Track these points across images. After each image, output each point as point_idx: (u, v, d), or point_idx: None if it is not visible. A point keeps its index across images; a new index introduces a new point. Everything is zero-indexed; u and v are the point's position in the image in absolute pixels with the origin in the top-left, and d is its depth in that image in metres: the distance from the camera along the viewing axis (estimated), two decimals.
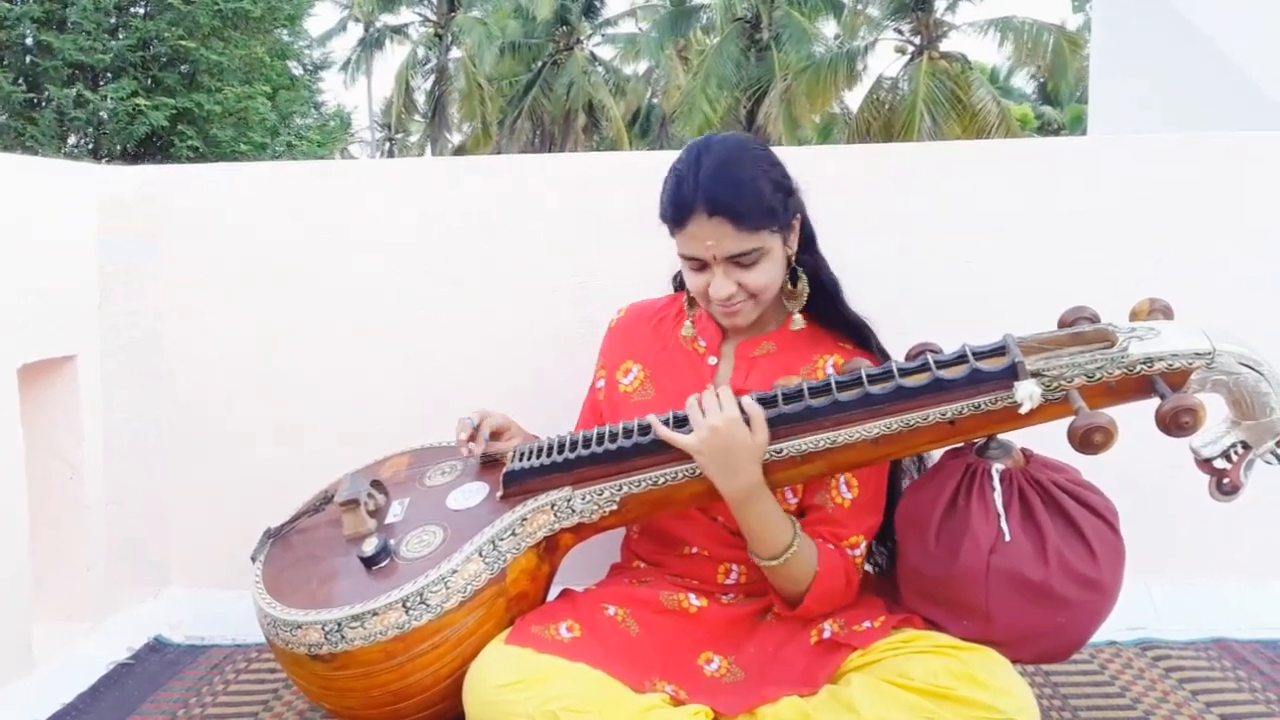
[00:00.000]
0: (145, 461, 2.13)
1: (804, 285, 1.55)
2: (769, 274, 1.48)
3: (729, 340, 1.61)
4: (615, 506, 1.46)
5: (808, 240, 1.57)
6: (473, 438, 1.62)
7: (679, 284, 1.75)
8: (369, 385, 2.12)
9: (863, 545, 1.52)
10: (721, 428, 1.36)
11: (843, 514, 1.50)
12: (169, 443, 2.15)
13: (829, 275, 1.58)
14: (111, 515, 2.07)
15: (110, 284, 2.08)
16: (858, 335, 1.58)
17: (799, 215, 1.53)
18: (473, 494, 1.56)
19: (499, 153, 25.02)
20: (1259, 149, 2.04)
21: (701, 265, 1.47)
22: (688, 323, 1.62)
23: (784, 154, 1.55)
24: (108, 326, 2.08)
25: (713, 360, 1.60)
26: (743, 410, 1.38)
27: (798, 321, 1.55)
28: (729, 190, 1.42)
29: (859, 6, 22.35)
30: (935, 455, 1.51)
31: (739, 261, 1.45)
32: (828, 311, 1.58)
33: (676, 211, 1.45)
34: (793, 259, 1.53)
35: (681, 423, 1.43)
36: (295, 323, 2.13)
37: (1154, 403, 1.26)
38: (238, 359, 2.14)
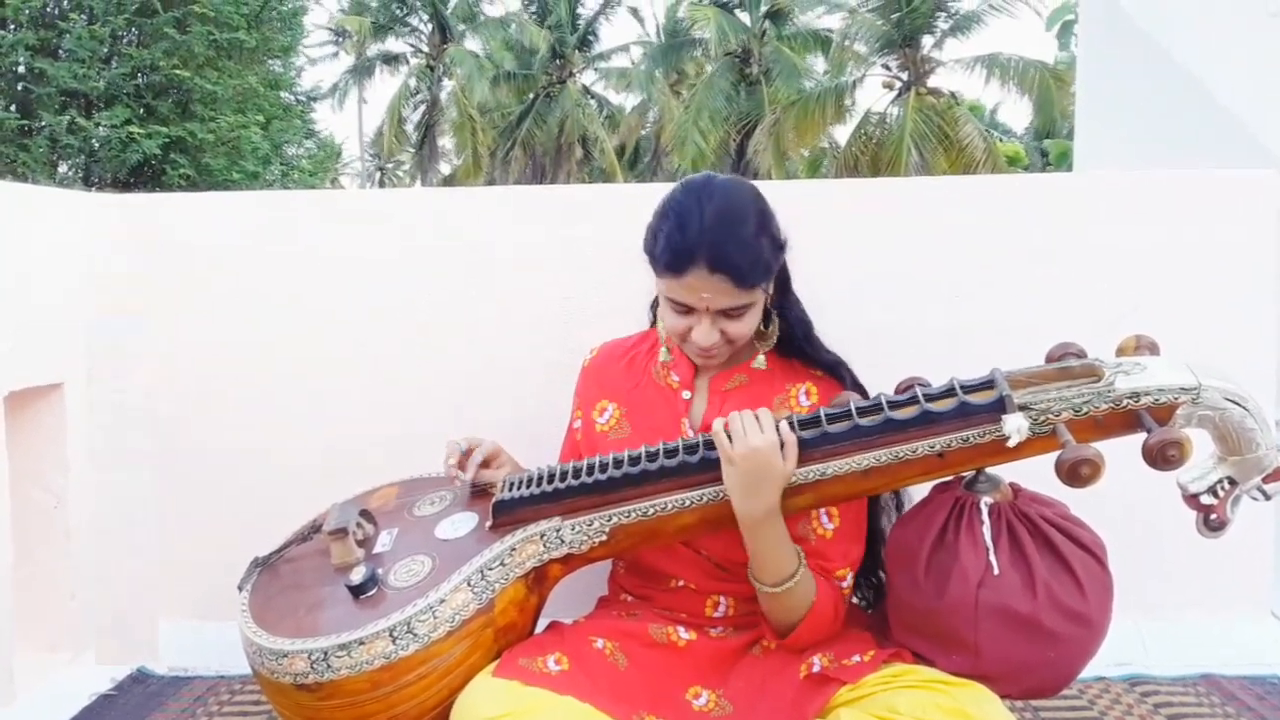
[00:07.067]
0: (133, 492, 2.11)
1: (775, 328, 1.57)
2: (752, 323, 1.49)
3: (701, 374, 1.62)
4: (604, 537, 1.46)
5: (783, 283, 1.57)
6: (462, 464, 1.62)
7: (656, 317, 1.75)
8: (357, 415, 2.12)
9: (850, 577, 1.52)
10: (762, 449, 1.35)
11: (825, 545, 1.50)
12: (157, 474, 2.13)
13: (801, 316, 1.59)
14: (99, 544, 2.05)
15: (100, 313, 2.08)
16: (833, 372, 1.58)
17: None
18: (461, 524, 1.56)
19: (491, 183, 25.12)
20: (1244, 187, 2.06)
21: (688, 310, 1.46)
22: (664, 349, 1.63)
23: (771, 189, 1.55)
24: (96, 356, 2.07)
25: (687, 395, 1.61)
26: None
27: (760, 362, 1.57)
28: (734, 248, 1.39)
29: (846, 43, 22.58)
30: (915, 491, 1.51)
31: (728, 313, 1.45)
32: (800, 351, 1.58)
33: (675, 259, 1.41)
34: (770, 302, 1.55)
35: (653, 456, 1.43)
36: (280, 351, 2.13)
37: (1141, 437, 1.27)
38: (222, 387, 2.14)
